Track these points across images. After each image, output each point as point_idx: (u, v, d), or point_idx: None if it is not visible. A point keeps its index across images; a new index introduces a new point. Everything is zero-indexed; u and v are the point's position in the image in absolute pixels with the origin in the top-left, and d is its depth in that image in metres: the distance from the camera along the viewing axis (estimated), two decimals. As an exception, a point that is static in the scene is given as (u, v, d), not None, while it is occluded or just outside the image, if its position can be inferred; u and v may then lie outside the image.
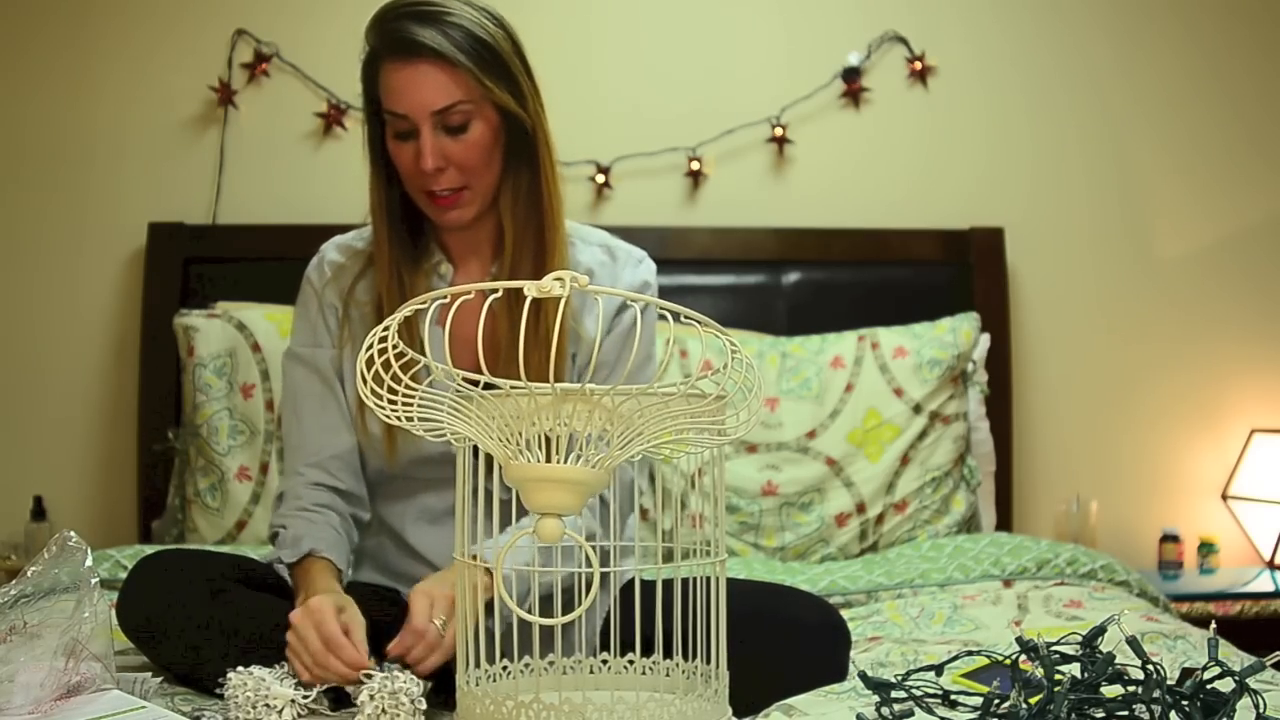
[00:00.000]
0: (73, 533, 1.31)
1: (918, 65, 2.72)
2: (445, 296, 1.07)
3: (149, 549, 2.05)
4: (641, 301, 1.04)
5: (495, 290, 1.05)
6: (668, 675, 1.20)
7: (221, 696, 1.30)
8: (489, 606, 1.21)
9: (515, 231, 1.59)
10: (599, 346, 1.08)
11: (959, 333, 2.42)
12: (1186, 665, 1.37)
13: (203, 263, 2.57)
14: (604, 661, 1.25)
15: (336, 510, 1.60)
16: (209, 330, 2.38)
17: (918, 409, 2.35)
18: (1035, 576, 2.04)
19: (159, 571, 1.48)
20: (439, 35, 1.50)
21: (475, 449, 1.13)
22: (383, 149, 1.59)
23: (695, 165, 2.68)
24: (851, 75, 2.72)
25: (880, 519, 2.32)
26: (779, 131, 2.69)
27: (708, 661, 1.14)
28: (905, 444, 2.34)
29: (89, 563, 1.29)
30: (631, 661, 1.24)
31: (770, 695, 1.35)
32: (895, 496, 2.33)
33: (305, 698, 1.30)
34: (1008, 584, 2.02)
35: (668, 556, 1.19)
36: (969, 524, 2.37)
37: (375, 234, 1.63)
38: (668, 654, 1.20)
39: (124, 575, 1.88)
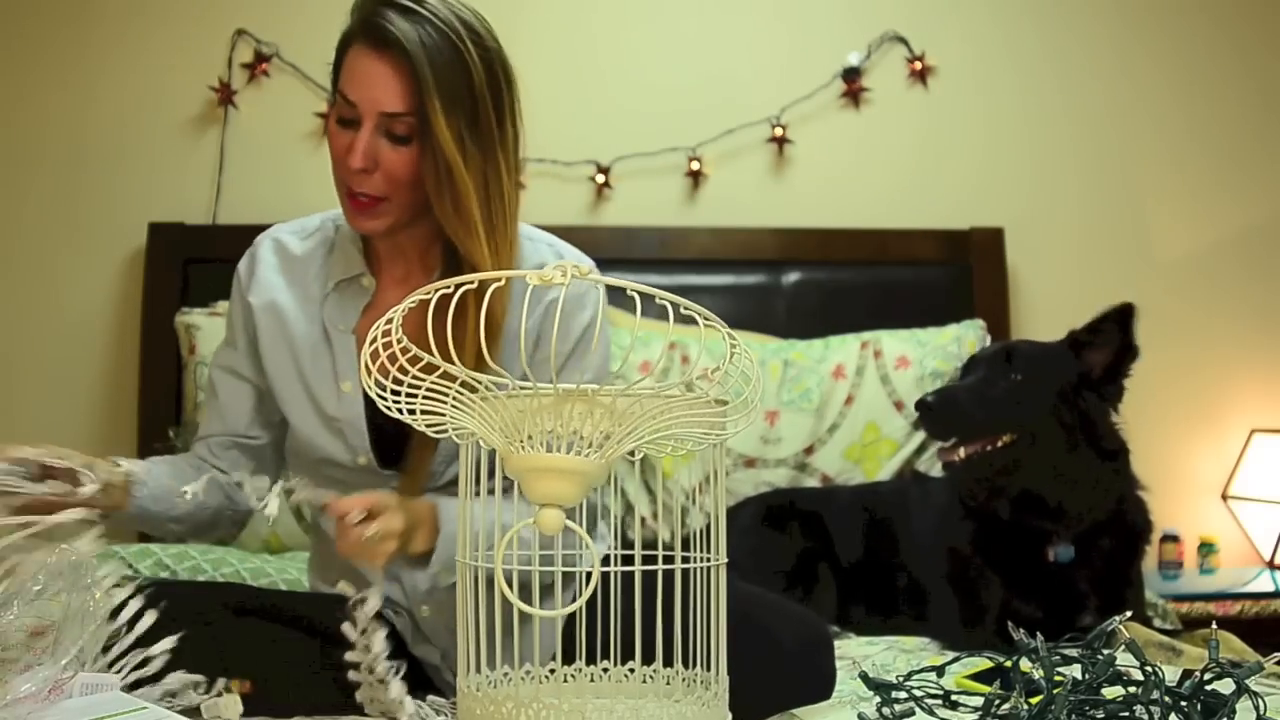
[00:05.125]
0: (73, 534, 1.31)
1: (917, 65, 2.72)
2: (449, 286, 1.06)
3: (152, 547, 2.06)
4: (640, 291, 1.03)
5: (499, 280, 1.04)
6: (668, 683, 1.19)
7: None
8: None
9: (457, 245, 1.45)
10: (523, 332, 1.00)
11: (964, 343, 2.39)
12: (1186, 666, 1.37)
13: (203, 263, 2.56)
14: (604, 670, 1.25)
15: (201, 470, 1.46)
16: (211, 329, 2.37)
17: (917, 425, 2.25)
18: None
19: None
20: (415, 35, 1.38)
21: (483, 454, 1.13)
22: None
23: (695, 165, 2.68)
24: (851, 75, 2.72)
25: None
26: (779, 131, 2.69)
27: (706, 668, 1.14)
28: (901, 460, 2.29)
29: (89, 563, 1.29)
30: (632, 670, 1.24)
31: (749, 711, 1.31)
32: None
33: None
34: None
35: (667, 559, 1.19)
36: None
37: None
38: (668, 660, 1.19)
39: (129, 572, 1.89)
